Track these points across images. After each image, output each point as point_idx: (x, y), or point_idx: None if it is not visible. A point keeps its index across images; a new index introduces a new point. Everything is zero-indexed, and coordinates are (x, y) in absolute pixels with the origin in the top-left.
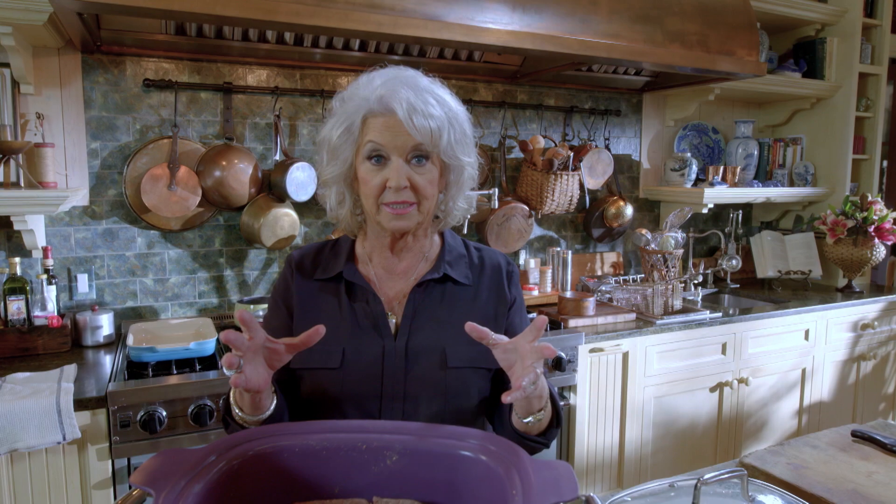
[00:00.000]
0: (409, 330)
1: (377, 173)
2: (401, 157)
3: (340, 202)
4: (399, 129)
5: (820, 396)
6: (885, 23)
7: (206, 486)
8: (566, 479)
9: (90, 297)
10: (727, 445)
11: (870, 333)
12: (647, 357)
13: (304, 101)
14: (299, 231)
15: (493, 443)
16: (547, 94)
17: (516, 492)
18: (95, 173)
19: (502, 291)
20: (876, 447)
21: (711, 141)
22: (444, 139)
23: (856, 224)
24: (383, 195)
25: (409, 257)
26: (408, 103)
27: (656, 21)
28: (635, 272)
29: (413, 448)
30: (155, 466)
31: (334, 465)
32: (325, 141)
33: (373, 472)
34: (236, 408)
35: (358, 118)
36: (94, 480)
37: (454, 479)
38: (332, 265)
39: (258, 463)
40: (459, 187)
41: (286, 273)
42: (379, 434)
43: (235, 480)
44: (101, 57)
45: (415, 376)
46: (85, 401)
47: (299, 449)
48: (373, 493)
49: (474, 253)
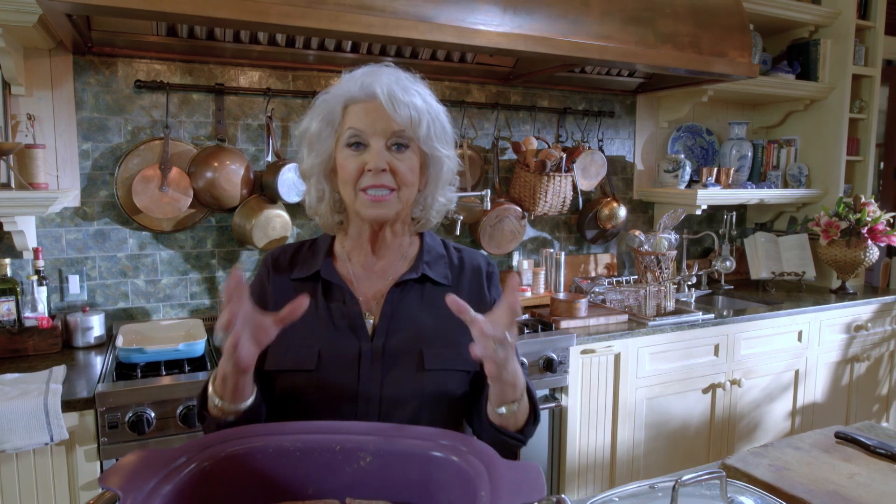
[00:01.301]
0: (386, 331)
1: (356, 158)
2: (381, 141)
3: (320, 198)
4: (379, 113)
5: (813, 398)
6: (878, 24)
7: (176, 487)
8: (533, 480)
9: (81, 298)
10: (720, 447)
11: (863, 335)
12: (639, 358)
13: (296, 103)
14: (291, 232)
15: (464, 444)
16: (540, 96)
17: (484, 493)
18: (87, 174)
19: (483, 293)
20: (859, 449)
21: (705, 142)
22: (424, 128)
23: (849, 225)
24: (361, 180)
25: (388, 255)
26: (388, 88)
27: (648, 22)
28: (629, 273)
29: (386, 449)
30: (126, 467)
31: (308, 466)
32: (305, 132)
33: (347, 473)
34: (216, 397)
35: (339, 107)
36: (83, 481)
37: (427, 479)
38: (309, 264)
39: (231, 464)
40: (438, 181)
41: (262, 273)
42: (352, 435)
43: (207, 482)
44: (93, 58)
45: (391, 379)
46: (73, 402)
47: (273, 450)
48: (346, 495)
49: (454, 254)
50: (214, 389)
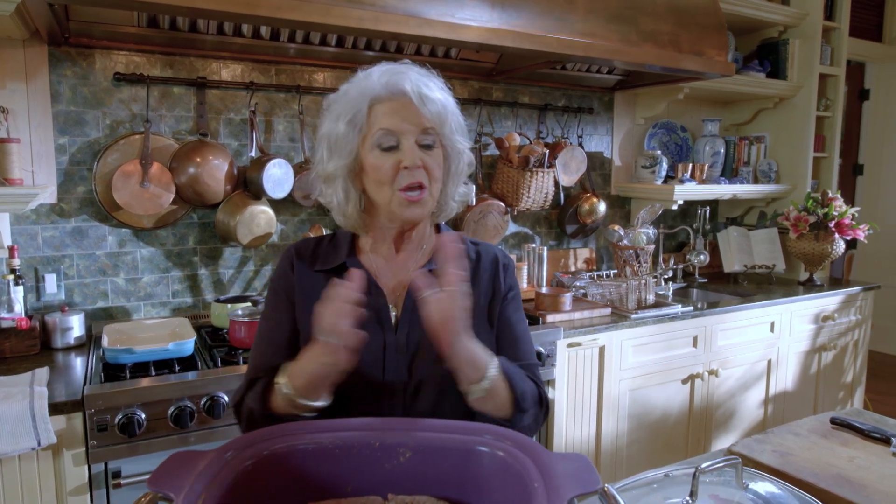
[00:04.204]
0: (409, 323)
1: (388, 158)
2: (412, 138)
3: (346, 199)
4: (409, 110)
5: (784, 386)
6: (843, 25)
7: (223, 487)
8: (587, 471)
9: (59, 297)
10: (698, 436)
11: (830, 325)
12: (622, 351)
13: (279, 97)
14: (276, 229)
15: (507, 436)
16: (521, 92)
17: (538, 485)
18: (63, 170)
19: (498, 283)
20: (854, 433)
21: (680, 139)
22: (448, 123)
23: (817, 220)
24: (398, 179)
25: (409, 248)
26: (416, 85)
27: (630, 21)
28: (607, 268)
29: (426, 444)
30: (172, 470)
31: (347, 463)
32: (326, 135)
33: (385, 469)
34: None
35: (364, 106)
36: (70, 486)
37: (468, 474)
38: (332, 257)
39: (272, 463)
40: (458, 174)
41: (284, 265)
42: (392, 431)
43: (251, 481)
44: (69, 49)
45: (415, 369)
46: (60, 405)
47: (312, 448)
48: (386, 491)
49: (471, 247)
50: (295, 385)
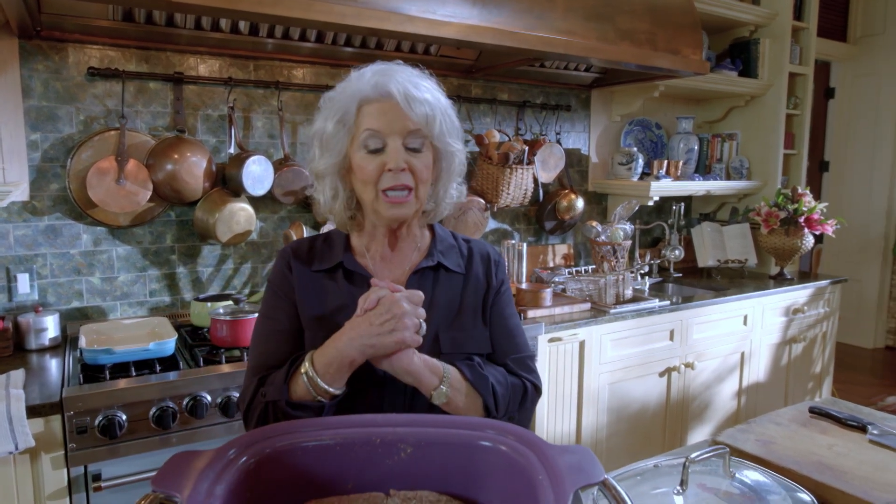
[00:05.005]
0: None
1: (374, 159)
2: (398, 140)
3: (334, 196)
4: (396, 112)
5: (757, 378)
6: (811, 26)
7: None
8: (590, 462)
9: (32, 297)
10: (675, 428)
11: (800, 317)
12: (601, 345)
13: (258, 93)
14: (255, 226)
15: (511, 431)
16: (500, 89)
17: (542, 477)
18: (36, 166)
19: (490, 279)
20: (831, 422)
21: (654, 136)
22: (437, 125)
23: (787, 215)
24: (381, 180)
25: (404, 247)
26: (403, 87)
27: (608, 19)
28: (585, 263)
29: (428, 440)
30: (176, 469)
31: (348, 460)
32: (318, 133)
33: (387, 465)
34: (315, 374)
35: (353, 106)
36: (49, 490)
37: (470, 468)
38: (328, 256)
39: (273, 461)
40: (450, 175)
41: (281, 266)
42: (393, 427)
43: (253, 480)
44: (41, 43)
45: None
46: (38, 407)
47: (314, 446)
48: (386, 487)
49: (463, 245)
50: (323, 377)
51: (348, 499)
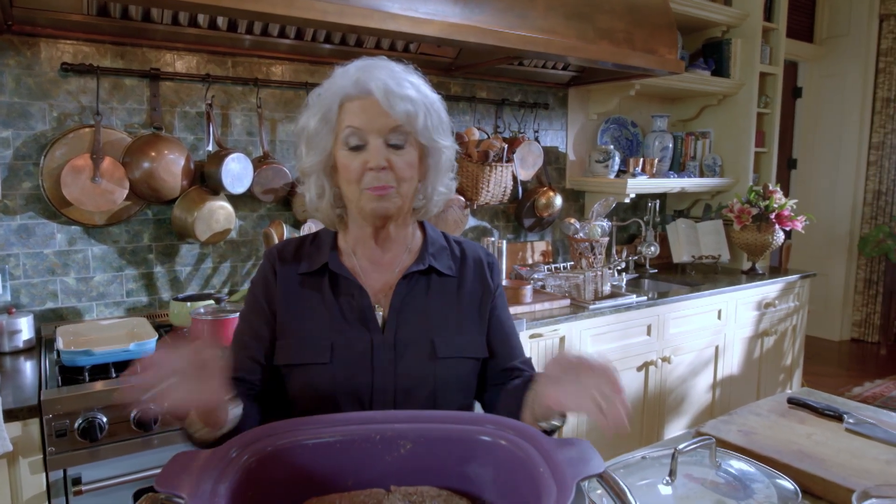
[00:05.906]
0: (396, 323)
1: (356, 157)
2: (379, 138)
3: (320, 194)
4: (376, 110)
5: (731, 371)
6: (781, 26)
7: (229, 485)
8: (590, 454)
9: (4, 299)
10: (652, 422)
11: (771, 311)
12: (581, 340)
13: (236, 90)
14: (234, 224)
15: (510, 426)
16: (479, 87)
17: (543, 469)
18: (7, 164)
19: (485, 281)
20: (809, 412)
21: (630, 134)
22: (421, 121)
23: (759, 212)
24: (364, 179)
25: (394, 248)
26: (384, 84)
27: (588, 18)
28: (563, 260)
29: (427, 435)
30: (174, 470)
31: (348, 457)
32: (303, 131)
33: (386, 461)
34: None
35: (335, 104)
36: (28, 495)
37: (469, 463)
38: (315, 258)
39: (275, 459)
40: (438, 172)
41: (265, 268)
42: (392, 424)
43: (255, 478)
44: (12, 37)
45: (404, 369)
46: (15, 411)
47: (314, 443)
48: (386, 483)
49: (455, 246)
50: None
51: (349, 495)
